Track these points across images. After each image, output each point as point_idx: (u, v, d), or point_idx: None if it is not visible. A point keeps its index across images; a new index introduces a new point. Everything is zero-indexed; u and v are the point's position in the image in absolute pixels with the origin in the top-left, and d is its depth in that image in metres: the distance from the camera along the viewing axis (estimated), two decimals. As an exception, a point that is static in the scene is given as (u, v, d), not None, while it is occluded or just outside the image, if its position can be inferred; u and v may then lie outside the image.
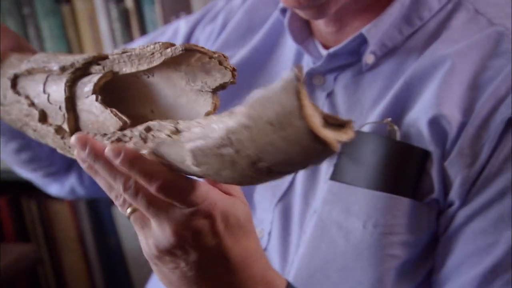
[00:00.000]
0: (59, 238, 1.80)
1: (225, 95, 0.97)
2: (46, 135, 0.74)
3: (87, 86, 0.70)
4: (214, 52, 0.66)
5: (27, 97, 0.75)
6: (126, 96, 0.71)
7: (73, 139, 0.66)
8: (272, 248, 0.89)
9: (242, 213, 0.68)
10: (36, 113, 0.74)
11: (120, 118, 0.67)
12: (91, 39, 1.70)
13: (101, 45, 1.70)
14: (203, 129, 0.60)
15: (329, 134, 0.57)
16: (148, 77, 0.70)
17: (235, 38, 1.00)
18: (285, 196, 0.89)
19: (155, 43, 0.67)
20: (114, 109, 0.68)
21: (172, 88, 0.69)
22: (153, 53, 0.67)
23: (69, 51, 1.72)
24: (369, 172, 0.82)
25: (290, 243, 0.87)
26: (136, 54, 0.69)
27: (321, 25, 0.90)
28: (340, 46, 0.87)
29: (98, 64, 0.71)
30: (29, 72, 0.76)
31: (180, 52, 0.66)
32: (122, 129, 0.67)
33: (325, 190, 0.84)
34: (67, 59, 0.73)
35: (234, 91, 0.97)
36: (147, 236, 0.67)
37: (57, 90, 0.72)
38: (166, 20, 1.64)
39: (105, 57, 0.71)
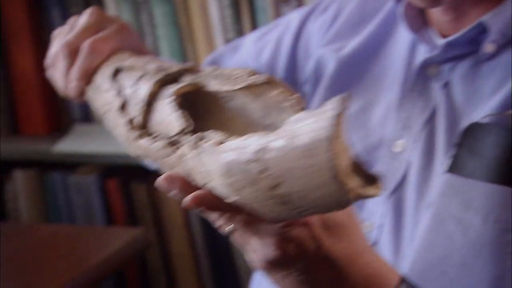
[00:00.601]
0: (167, 224, 1.82)
1: (336, 86, 0.96)
2: (118, 125, 0.76)
3: (170, 89, 0.72)
4: (292, 93, 0.66)
5: (118, 87, 0.78)
6: (205, 117, 0.72)
7: (161, 180, 0.68)
8: (383, 241, 0.87)
9: (339, 212, 0.68)
10: (118, 102, 0.76)
11: (187, 120, 0.68)
12: (202, 26, 1.71)
13: (211, 32, 1.71)
14: (240, 142, 0.61)
15: (351, 180, 0.56)
16: (228, 102, 0.71)
17: (347, 28, 0.99)
18: (398, 189, 0.87)
19: (243, 69, 0.70)
20: (185, 111, 0.69)
21: (245, 117, 0.70)
22: (238, 77, 0.69)
23: (180, 37, 1.73)
24: (490, 165, 0.79)
25: (403, 236, 0.85)
26: (224, 74, 0.71)
27: (437, 14, 0.88)
28: (459, 35, 0.85)
29: (190, 75, 0.73)
30: (131, 68, 0.79)
31: (262, 81, 0.67)
32: (182, 132, 0.68)
33: (442, 183, 0.82)
34: (166, 64, 0.76)
35: (346, 82, 0.96)
36: (252, 250, 0.69)
37: (145, 87, 0.74)
38: (277, 8, 1.63)
39: (198, 71, 0.73)
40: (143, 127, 0.73)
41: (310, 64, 1.00)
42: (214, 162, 0.63)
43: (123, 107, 0.76)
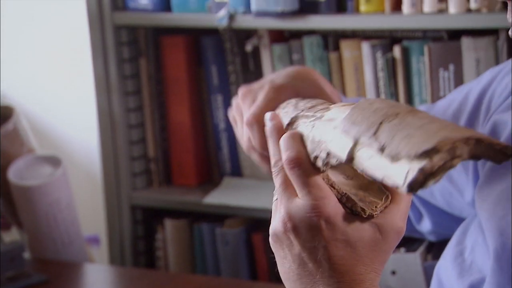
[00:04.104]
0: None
1: None
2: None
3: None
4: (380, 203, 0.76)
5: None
6: None
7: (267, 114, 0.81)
8: None
9: (363, 237, 0.71)
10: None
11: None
12: (355, 88, 1.72)
13: (364, 94, 1.71)
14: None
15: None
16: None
17: None
18: None
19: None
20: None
21: None
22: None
23: (333, 97, 1.75)
24: None
25: None
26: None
27: None
28: None
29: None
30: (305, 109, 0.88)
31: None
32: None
33: None
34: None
35: None
36: (272, 217, 0.76)
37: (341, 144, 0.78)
38: (433, 72, 1.62)
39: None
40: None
41: (488, 126, 0.97)
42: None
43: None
